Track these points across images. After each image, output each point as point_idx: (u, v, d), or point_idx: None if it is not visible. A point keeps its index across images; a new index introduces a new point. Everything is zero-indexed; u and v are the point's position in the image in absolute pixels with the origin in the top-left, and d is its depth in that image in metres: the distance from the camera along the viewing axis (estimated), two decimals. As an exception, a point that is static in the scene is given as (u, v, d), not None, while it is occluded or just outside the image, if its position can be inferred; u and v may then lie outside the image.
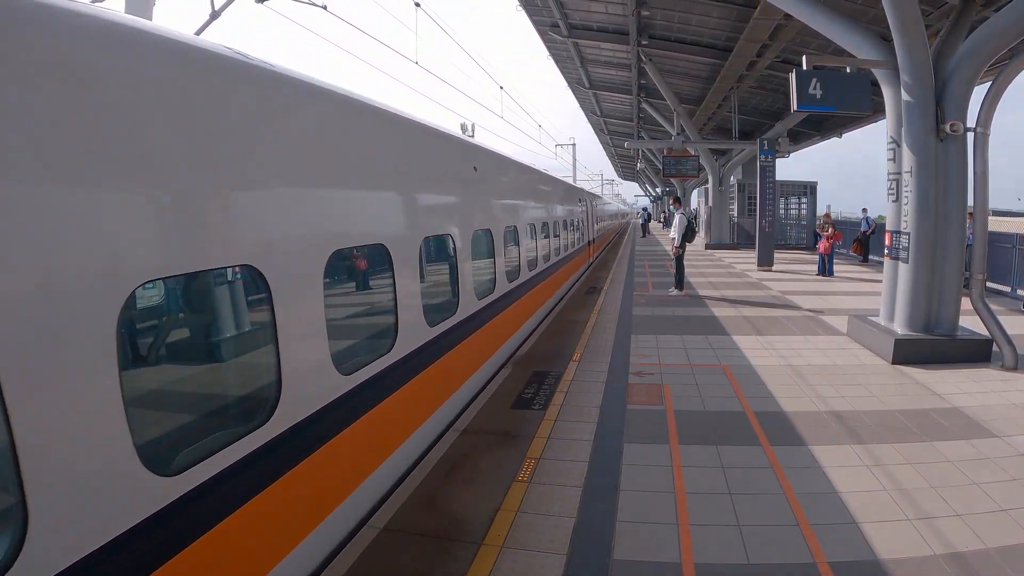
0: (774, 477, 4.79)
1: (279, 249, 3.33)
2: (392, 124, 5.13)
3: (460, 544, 3.93)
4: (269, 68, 3.45)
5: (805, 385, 7.11)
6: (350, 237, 4.17)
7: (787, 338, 9.62)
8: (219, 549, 2.75)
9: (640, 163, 52.16)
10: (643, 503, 4.42)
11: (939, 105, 7.94)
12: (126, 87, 2.43)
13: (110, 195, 2.35)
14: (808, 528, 4.02)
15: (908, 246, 8.17)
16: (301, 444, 3.42)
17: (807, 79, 8.51)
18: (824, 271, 17.58)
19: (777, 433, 5.68)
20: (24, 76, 2.04)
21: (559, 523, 4.15)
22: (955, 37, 8.27)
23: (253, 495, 3.00)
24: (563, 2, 18.75)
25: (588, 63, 26.03)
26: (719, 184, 30.20)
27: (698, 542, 3.90)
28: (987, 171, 7.87)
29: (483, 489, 4.67)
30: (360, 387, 4.10)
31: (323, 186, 3.83)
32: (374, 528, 4.09)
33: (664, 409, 6.41)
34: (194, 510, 2.63)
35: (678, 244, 14.25)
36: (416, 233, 5.25)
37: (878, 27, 9.38)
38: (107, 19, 2.45)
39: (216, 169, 2.92)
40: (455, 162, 6.85)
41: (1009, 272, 13.54)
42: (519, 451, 5.37)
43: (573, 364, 8.19)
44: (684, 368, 7.95)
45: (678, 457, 5.20)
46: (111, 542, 2.23)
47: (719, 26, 17.04)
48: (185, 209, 2.73)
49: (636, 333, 10.11)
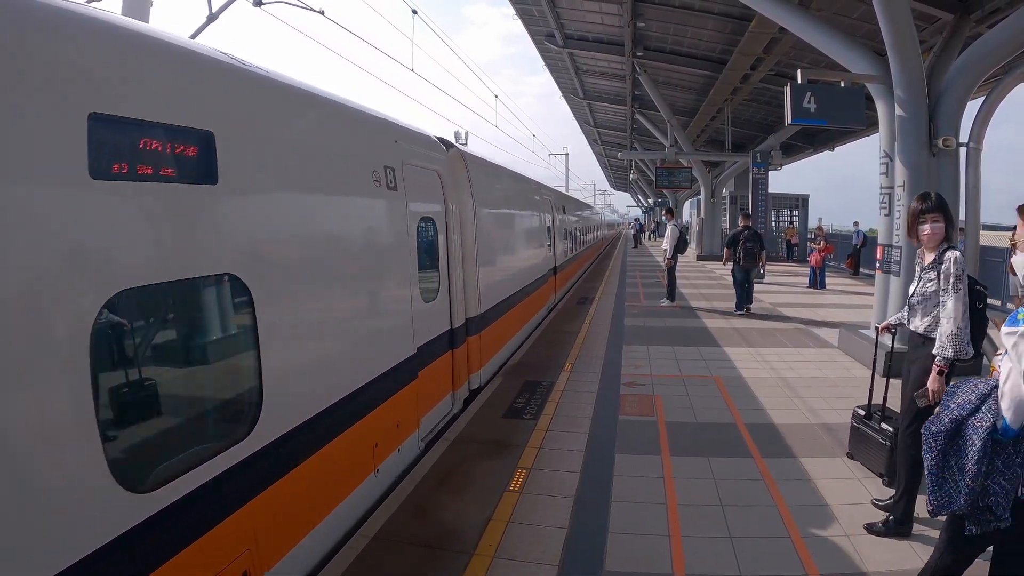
0: (766, 489, 4.78)
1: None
2: None
3: (452, 554, 3.89)
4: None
5: (796, 397, 7.12)
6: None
7: (778, 350, 9.63)
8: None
9: (633, 174, 52.47)
10: (635, 514, 4.40)
11: (932, 120, 8.00)
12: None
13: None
14: (800, 540, 4.01)
15: (900, 260, 8.20)
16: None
17: (801, 93, 8.56)
18: (815, 283, 17.66)
19: (768, 445, 5.68)
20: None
21: (551, 533, 4.12)
22: (949, 53, 8.36)
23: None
24: (559, 12, 18.84)
25: (583, 73, 26.15)
26: (711, 196, 30.36)
27: (690, 554, 3.88)
28: (979, 186, 7.94)
29: (475, 499, 4.64)
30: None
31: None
32: (365, 537, 4.05)
33: (656, 420, 6.39)
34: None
35: (670, 255, 14.28)
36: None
37: (872, 42, 9.46)
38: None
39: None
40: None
41: (999, 286, 13.62)
42: (511, 461, 5.34)
43: (565, 374, 8.17)
44: (676, 379, 7.95)
45: (670, 468, 5.18)
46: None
47: (714, 39, 17.15)
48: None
49: (628, 344, 10.11)
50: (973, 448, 2.49)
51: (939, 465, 2.62)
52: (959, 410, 2.62)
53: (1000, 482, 2.48)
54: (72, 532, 2.14)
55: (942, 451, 2.62)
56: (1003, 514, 2.49)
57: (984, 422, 2.49)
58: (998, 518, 2.51)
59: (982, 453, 2.47)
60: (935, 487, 2.65)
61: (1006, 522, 2.50)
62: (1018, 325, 2.37)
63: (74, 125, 2.21)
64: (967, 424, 2.54)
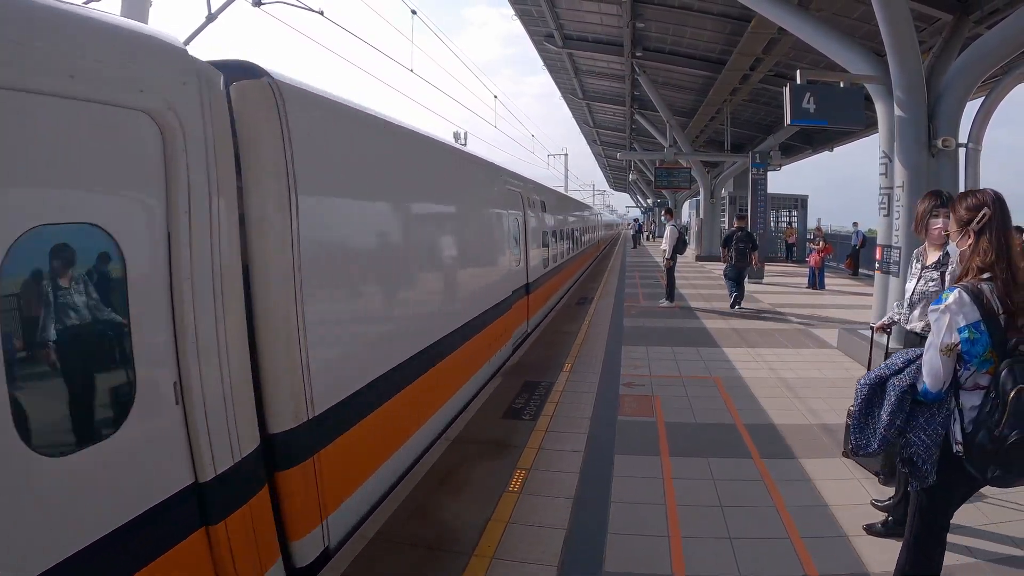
0: (765, 490, 4.78)
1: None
2: None
3: (451, 554, 3.88)
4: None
5: (795, 398, 7.11)
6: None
7: (777, 350, 9.63)
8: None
9: (632, 174, 52.47)
10: (634, 515, 4.39)
11: (932, 121, 8.01)
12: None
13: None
14: (799, 541, 4.00)
15: (899, 260, 8.21)
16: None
17: (801, 93, 8.57)
18: (814, 284, 17.67)
19: (768, 446, 5.67)
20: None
21: (550, 534, 4.11)
22: (948, 54, 8.37)
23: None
24: (558, 13, 18.85)
25: (582, 74, 26.16)
26: (710, 196, 30.36)
27: (689, 554, 3.87)
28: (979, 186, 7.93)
29: (474, 499, 4.63)
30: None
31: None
32: (364, 537, 4.04)
33: (655, 420, 6.39)
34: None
35: (669, 256, 14.28)
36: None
37: (872, 43, 9.47)
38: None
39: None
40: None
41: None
42: (510, 461, 5.33)
43: (564, 374, 8.16)
44: (675, 380, 7.94)
45: (669, 469, 5.18)
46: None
47: (713, 39, 17.16)
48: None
49: (627, 344, 10.10)
50: (888, 402, 2.83)
51: (863, 412, 2.97)
52: (886, 369, 2.95)
53: (921, 436, 2.80)
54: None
55: (866, 400, 2.96)
56: (925, 466, 2.79)
57: (903, 382, 2.82)
58: (922, 471, 2.80)
59: (896, 407, 2.80)
60: (856, 431, 3.00)
61: (930, 477, 2.80)
62: (941, 302, 2.71)
63: None
64: (890, 382, 2.88)
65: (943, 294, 2.77)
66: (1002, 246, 2.72)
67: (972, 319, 2.63)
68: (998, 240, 2.73)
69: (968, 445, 2.67)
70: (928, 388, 2.74)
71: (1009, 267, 2.69)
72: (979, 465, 2.66)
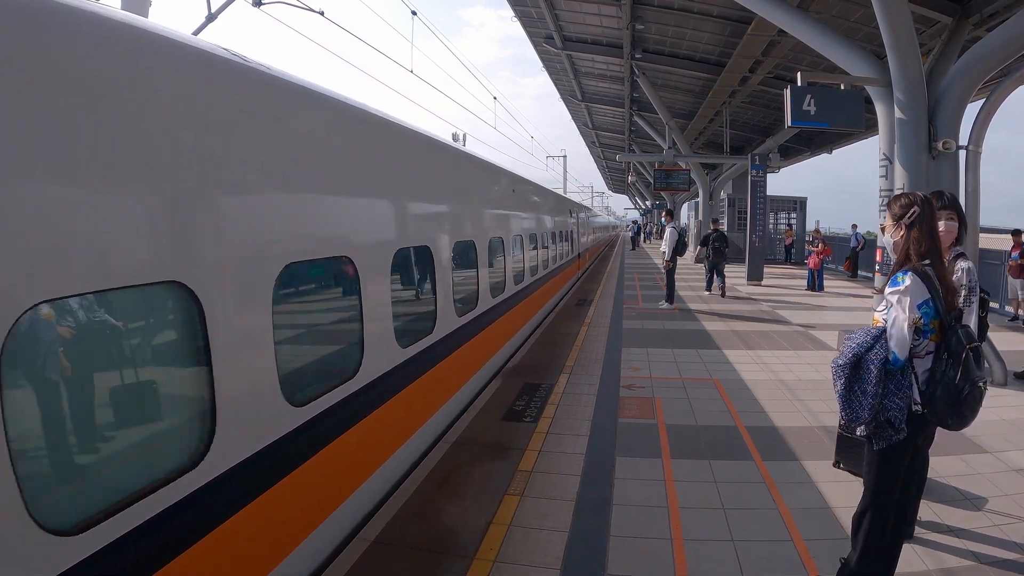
0: (767, 492, 4.77)
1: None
2: None
3: (452, 558, 3.87)
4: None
5: (796, 400, 7.11)
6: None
7: (777, 353, 9.63)
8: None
9: (631, 176, 52.43)
10: (636, 518, 4.38)
11: (932, 123, 8.01)
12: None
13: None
14: (802, 543, 3.99)
15: (899, 262, 8.20)
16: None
17: (801, 95, 8.58)
18: (814, 286, 17.68)
19: (769, 448, 5.66)
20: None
21: (552, 537, 4.10)
22: (948, 56, 8.38)
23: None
24: (558, 15, 18.86)
25: (581, 75, 26.18)
26: (709, 198, 30.38)
27: (692, 557, 3.86)
28: (979, 188, 7.95)
29: (475, 502, 4.61)
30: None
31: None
32: (364, 540, 4.02)
33: (656, 423, 6.37)
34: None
35: (668, 258, 14.28)
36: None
37: (872, 45, 9.50)
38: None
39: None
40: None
41: (997, 289, 13.64)
42: (511, 464, 5.31)
43: (564, 376, 8.14)
44: (675, 382, 7.93)
45: (670, 471, 5.16)
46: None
47: (712, 41, 17.19)
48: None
49: (627, 346, 10.09)
50: (870, 375, 3.12)
51: (847, 390, 3.20)
52: (858, 348, 3.20)
53: (895, 400, 3.13)
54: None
55: (848, 379, 3.20)
56: (900, 425, 3.13)
57: (879, 355, 3.13)
58: (896, 430, 3.14)
59: (878, 378, 3.11)
60: (844, 407, 3.23)
61: (903, 432, 3.14)
62: (898, 285, 3.15)
63: None
64: (866, 358, 3.16)
65: (897, 277, 3.20)
66: (934, 238, 3.25)
67: (924, 296, 3.14)
68: (929, 233, 3.23)
69: (929, 401, 3.14)
70: (898, 356, 3.13)
71: (939, 255, 3.26)
72: (941, 416, 3.17)
